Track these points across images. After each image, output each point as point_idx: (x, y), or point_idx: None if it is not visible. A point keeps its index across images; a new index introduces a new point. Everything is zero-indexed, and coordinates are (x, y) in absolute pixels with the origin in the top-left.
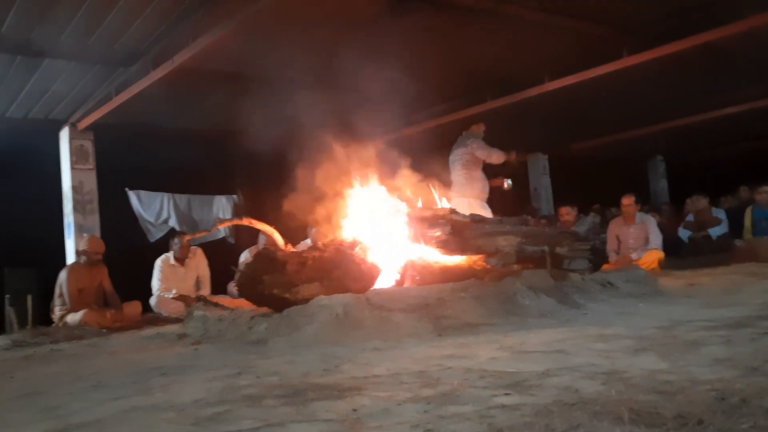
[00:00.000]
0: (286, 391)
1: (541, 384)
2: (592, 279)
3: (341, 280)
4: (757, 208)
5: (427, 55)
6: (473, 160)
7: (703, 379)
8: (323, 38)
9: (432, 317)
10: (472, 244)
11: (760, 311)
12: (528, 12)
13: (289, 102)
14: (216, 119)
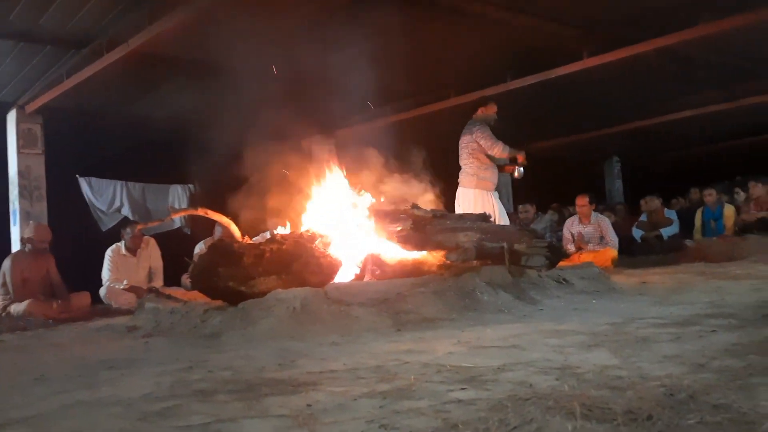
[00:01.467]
0: (239, 386)
1: (497, 379)
2: (548, 276)
3: (300, 273)
4: (706, 210)
5: (391, 49)
6: (479, 148)
7: (653, 375)
8: (285, 28)
9: (391, 312)
10: (432, 239)
11: (708, 310)
12: (492, 10)
13: (249, 92)
14: (173, 107)
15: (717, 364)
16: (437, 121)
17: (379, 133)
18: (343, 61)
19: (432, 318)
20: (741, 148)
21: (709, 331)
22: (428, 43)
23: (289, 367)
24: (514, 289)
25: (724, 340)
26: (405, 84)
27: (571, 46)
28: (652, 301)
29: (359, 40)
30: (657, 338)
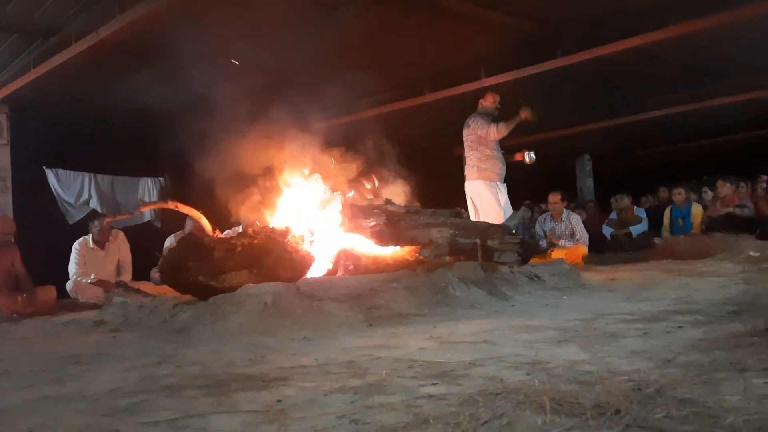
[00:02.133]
0: (207, 381)
1: (468, 374)
2: (520, 272)
3: (271, 268)
4: (675, 208)
5: (366, 44)
6: (478, 139)
7: (621, 370)
8: (258, 20)
9: (363, 307)
10: (406, 234)
11: (675, 306)
12: (467, 7)
13: (221, 84)
14: (144, 98)
15: (683, 359)
16: (412, 116)
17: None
18: (319, 55)
19: (404, 313)
20: (708, 147)
21: (676, 327)
22: (403, 38)
23: (259, 363)
24: (486, 284)
25: (690, 335)
26: (380, 79)
27: (545, 45)
28: (621, 297)
29: (334, 34)
30: (625, 334)
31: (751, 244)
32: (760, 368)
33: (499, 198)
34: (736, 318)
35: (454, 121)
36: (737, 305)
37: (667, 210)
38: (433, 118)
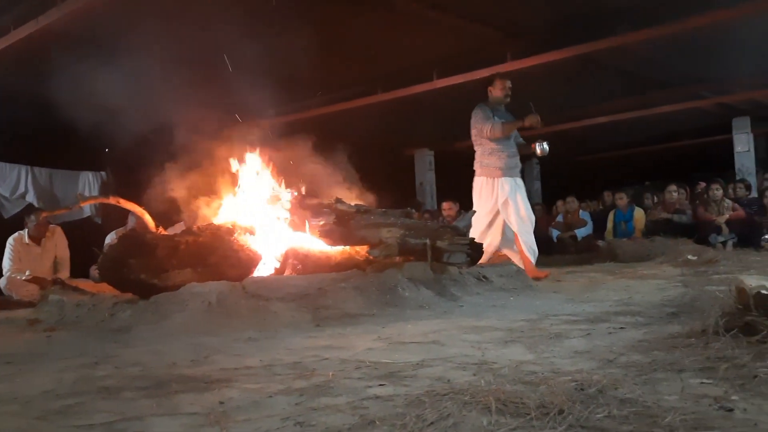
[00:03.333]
0: (147, 382)
1: (415, 374)
2: (469, 273)
3: (217, 266)
4: (618, 212)
5: (317, 40)
6: (479, 133)
7: (565, 370)
8: (205, 14)
9: (311, 307)
10: (356, 234)
11: (617, 307)
12: (418, 8)
13: (168, 78)
14: (85, 89)
15: (624, 359)
16: (365, 116)
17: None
18: (268, 50)
19: (353, 314)
20: (651, 154)
21: (617, 328)
22: (355, 36)
23: (202, 363)
24: (435, 285)
25: (631, 336)
26: (331, 77)
27: (496, 49)
28: (566, 298)
29: (285, 29)
30: (569, 334)
31: (689, 248)
32: (697, 368)
33: (494, 197)
34: (675, 320)
35: (406, 121)
36: (675, 307)
37: (611, 214)
38: (385, 118)
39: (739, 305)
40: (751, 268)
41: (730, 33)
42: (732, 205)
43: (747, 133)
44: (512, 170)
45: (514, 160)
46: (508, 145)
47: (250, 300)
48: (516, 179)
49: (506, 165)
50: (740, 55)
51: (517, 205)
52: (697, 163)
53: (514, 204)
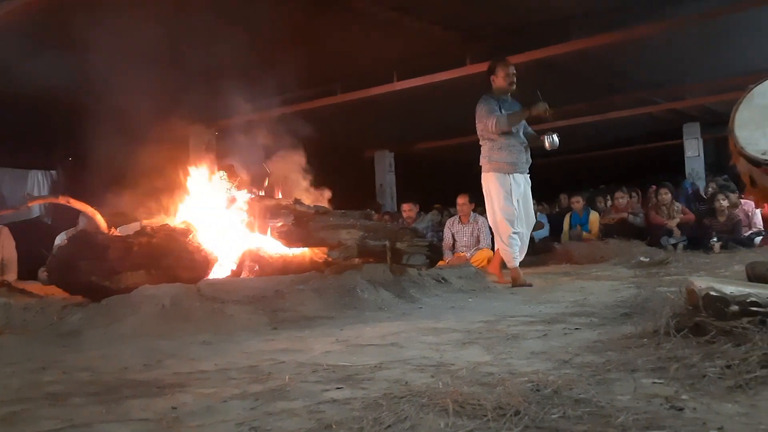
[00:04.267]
0: (97, 388)
1: (373, 377)
2: (428, 274)
3: (171, 268)
4: (574, 215)
5: (277, 40)
6: (485, 127)
7: (522, 371)
8: (163, 12)
9: (268, 310)
10: (314, 235)
11: (572, 308)
12: (378, 10)
13: (123, 75)
14: (37, 85)
15: (579, 360)
16: (324, 116)
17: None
18: (227, 50)
19: (311, 316)
20: (606, 157)
21: (573, 329)
22: (315, 36)
23: (154, 368)
24: (394, 287)
25: (586, 337)
26: (291, 77)
27: (456, 52)
28: (523, 299)
29: (243, 29)
30: (526, 335)
31: (641, 250)
32: (649, 368)
33: (512, 192)
34: (628, 320)
35: (366, 122)
36: (629, 308)
37: (567, 216)
38: (345, 119)
39: (689, 306)
40: (701, 270)
41: (681, 41)
42: (682, 208)
43: (697, 139)
44: (523, 166)
45: (525, 155)
46: (518, 138)
47: (205, 302)
48: (526, 176)
49: (518, 160)
50: (690, 62)
51: (522, 206)
52: (650, 167)
53: (522, 203)
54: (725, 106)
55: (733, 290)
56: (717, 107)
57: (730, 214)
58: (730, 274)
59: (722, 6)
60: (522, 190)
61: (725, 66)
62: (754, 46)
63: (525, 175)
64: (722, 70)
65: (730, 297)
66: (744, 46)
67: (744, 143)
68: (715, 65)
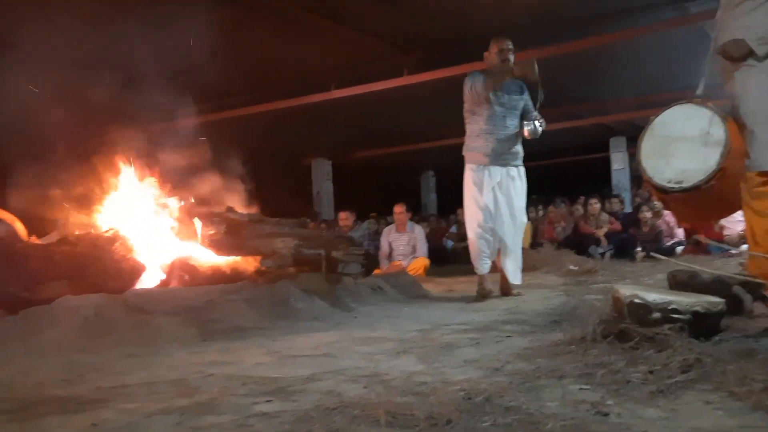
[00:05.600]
0: (12, 404)
1: (305, 389)
2: (363, 283)
3: (96, 278)
4: None
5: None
6: (470, 109)
7: (454, 380)
8: (94, 13)
9: (198, 321)
10: (248, 244)
11: (505, 316)
12: (315, 18)
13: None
14: None
15: (510, 367)
16: (261, 123)
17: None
18: (160, 51)
19: (242, 327)
20: (536, 169)
21: (504, 337)
22: (252, 43)
23: (75, 383)
24: (329, 296)
25: (517, 344)
26: (226, 82)
27: (393, 62)
28: (458, 308)
29: (177, 31)
30: (459, 343)
31: (571, 258)
32: (576, 375)
33: (482, 187)
34: (557, 327)
35: (304, 130)
36: (558, 315)
37: None
38: (283, 126)
39: (614, 313)
40: (627, 278)
41: (608, 58)
42: (609, 218)
43: (623, 152)
44: (506, 157)
45: (509, 145)
46: (501, 124)
47: (131, 314)
48: (513, 169)
49: (496, 150)
50: (616, 78)
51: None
52: (578, 179)
53: (504, 200)
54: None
55: (656, 298)
56: (642, 122)
57: (653, 224)
58: (653, 282)
59: (647, 25)
60: (503, 186)
61: (649, 83)
62: (677, 64)
63: (509, 169)
64: (646, 86)
65: (653, 304)
66: (666, 64)
67: (651, 173)
68: (640, 82)
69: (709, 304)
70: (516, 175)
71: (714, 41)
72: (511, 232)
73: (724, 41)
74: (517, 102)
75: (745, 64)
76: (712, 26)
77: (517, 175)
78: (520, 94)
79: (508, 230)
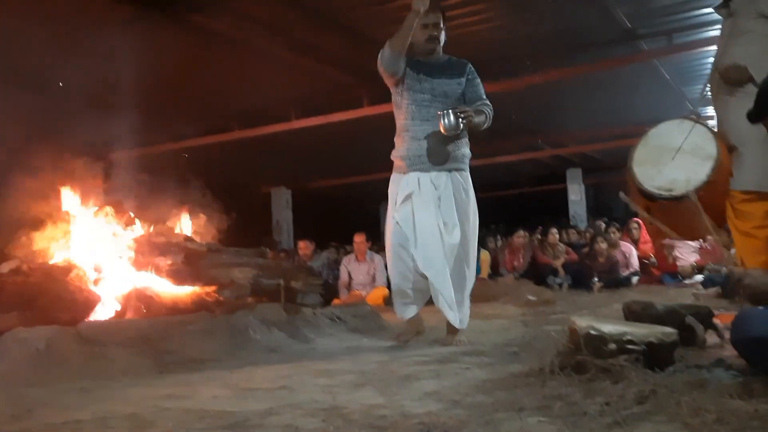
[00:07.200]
0: None
1: (262, 423)
2: (322, 313)
3: (48, 309)
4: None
5: (172, 73)
6: (393, 100)
7: (414, 413)
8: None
9: (153, 353)
10: (206, 274)
11: (464, 348)
12: (275, 48)
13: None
14: None
15: (470, 400)
16: (220, 152)
17: (156, 160)
18: (118, 79)
19: (199, 359)
20: (494, 199)
21: (464, 369)
22: (211, 72)
23: (22, 418)
24: (288, 327)
25: (476, 376)
26: (185, 111)
27: (353, 92)
28: (418, 339)
29: (136, 59)
30: (419, 375)
31: (529, 288)
32: (534, 407)
33: (398, 201)
34: (516, 359)
35: (264, 159)
36: (517, 346)
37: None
38: (242, 155)
39: (571, 345)
40: (584, 308)
41: (564, 91)
42: (566, 249)
43: (579, 184)
44: (436, 160)
45: (433, 144)
46: (426, 119)
47: (84, 346)
48: (436, 174)
49: (420, 152)
50: (571, 112)
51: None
52: (535, 209)
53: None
54: (603, 154)
55: (611, 329)
56: (596, 155)
57: (608, 255)
58: (609, 312)
59: (601, 60)
60: (424, 195)
61: (602, 117)
62: (630, 99)
63: (438, 174)
64: (599, 120)
65: (608, 336)
66: (620, 99)
67: (641, 179)
68: (594, 116)
69: (662, 334)
70: (448, 181)
71: (715, 61)
72: (439, 259)
73: (726, 64)
74: (451, 87)
75: (742, 90)
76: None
77: (451, 181)
78: (457, 77)
79: (433, 255)
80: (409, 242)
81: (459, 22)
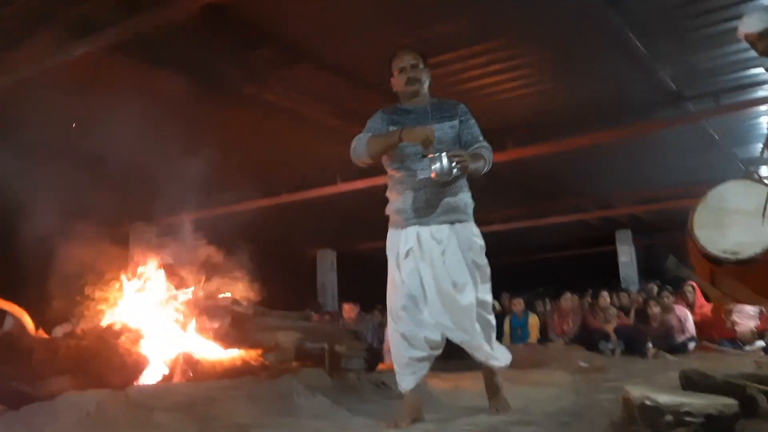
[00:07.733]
0: None
1: None
2: (367, 379)
3: (99, 372)
4: (513, 318)
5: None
6: None
7: None
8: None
9: (198, 417)
10: (251, 337)
11: (515, 416)
12: (325, 117)
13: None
14: None
15: None
16: (267, 216)
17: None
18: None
19: (243, 424)
20: (543, 262)
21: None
22: (262, 138)
23: None
24: (332, 392)
25: None
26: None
27: None
28: (465, 406)
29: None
30: None
31: (580, 354)
32: None
33: (398, 258)
34: (568, 429)
35: (309, 222)
36: (569, 416)
37: (507, 319)
38: (289, 218)
39: (625, 415)
40: (638, 376)
41: (611, 152)
42: (618, 313)
43: (629, 245)
44: (424, 213)
45: (429, 195)
46: (422, 168)
47: (132, 410)
48: (438, 228)
49: (414, 205)
50: (620, 173)
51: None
52: (585, 272)
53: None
54: (653, 216)
55: (667, 399)
56: (645, 216)
57: (662, 319)
58: (664, 380)
59: (647, 122)
60: (426, 251)
61: (651, 178)
62: (677, 161)
63: (439, 227)
64: (648, 181)
65: (664, 407)
66: (667, 160)
67: (705, 242)
68: (642, 177)
69: (722, 406)
70: (452, 234)
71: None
72: (456, 314)
73: None
74: (444, 131)
75: None
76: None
77: (453, 233)
78: (448, 120)
79: (449, 312)
80: (417, 300)
81: (505, 86)
